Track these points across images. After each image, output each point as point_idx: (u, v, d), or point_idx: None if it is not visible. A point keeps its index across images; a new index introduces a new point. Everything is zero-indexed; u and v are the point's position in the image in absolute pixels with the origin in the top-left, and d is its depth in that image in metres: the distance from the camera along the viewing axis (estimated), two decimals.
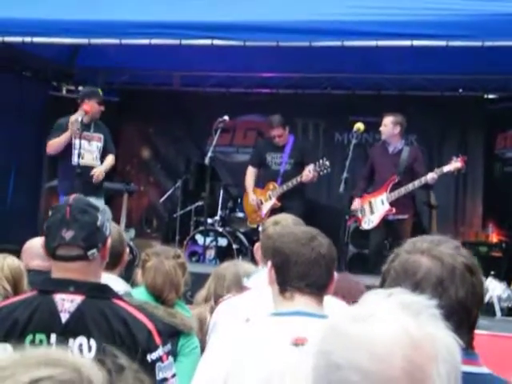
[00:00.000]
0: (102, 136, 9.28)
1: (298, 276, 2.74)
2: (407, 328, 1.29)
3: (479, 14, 7.90)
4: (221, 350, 2.72)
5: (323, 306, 2.79)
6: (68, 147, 9.03)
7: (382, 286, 2.00)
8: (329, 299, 2.90)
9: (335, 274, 2.85)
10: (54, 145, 9.08)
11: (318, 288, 2.76)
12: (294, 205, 9.06)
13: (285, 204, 9.35)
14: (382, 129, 9.41)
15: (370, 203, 9.39)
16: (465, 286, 1.91)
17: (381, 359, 1.27)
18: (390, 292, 1.37)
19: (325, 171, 9.30)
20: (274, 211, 9.28)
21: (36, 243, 5.02)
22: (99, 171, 9.05)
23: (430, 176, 8.93)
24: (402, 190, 9.13)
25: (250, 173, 9.90)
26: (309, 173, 9.25)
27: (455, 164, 8.99)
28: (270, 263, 2.84)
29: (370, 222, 9.40)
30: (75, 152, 8.97)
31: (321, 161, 9.29)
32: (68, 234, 2.84)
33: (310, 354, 1.37)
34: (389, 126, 9.34)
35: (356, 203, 9.50)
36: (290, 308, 2.73)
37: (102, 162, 9.26)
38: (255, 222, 9.96)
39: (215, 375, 2.63)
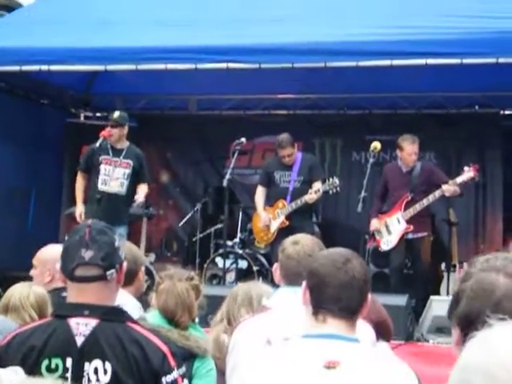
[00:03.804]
0: (131, 162, 9.19)
1: (331, 299, 2.72)
2: None
3: (492, 32, 7.93)
4: (251, 371, 2.72)
5: (355, 329, 2.78)
6: (94, 173, 9.08)
7: (456, 305, 1.98)
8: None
9: (369, 297, 2.84)
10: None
11: (350, 312, 2.74)
12: (304, 224, 9.02)
13: (293, 223, 9.21)
14: (414, 158, 9.24)
15: (386, 224, 9.36)
16: None
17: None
18: None
19: (334, 190, 9.21)
20: (282, 230, 9.27)
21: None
22: (140, 197, 9.03)
23: (446, 188, 8.89)
24: (417, 207, 9.10)
25: (260, 192, 9.80)
26: (312, 194, 9.15)
27: (468, 174, 8.96)
28: (304, 284, 2.84)
29: (388, 242, 9.35)
30: (100, 178, 9.02)
31: (330, 179, 9.20)
32: (87, 254, 2.85)
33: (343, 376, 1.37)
34: (417, 153, 9.28)
35: (375, 223, 9.47)
36: (321, 331, 2.72)
37: (131, 189, 9.18)
38: (262, 241, 9.92)
39: None
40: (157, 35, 8.96)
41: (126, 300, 4.01)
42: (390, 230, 9.32)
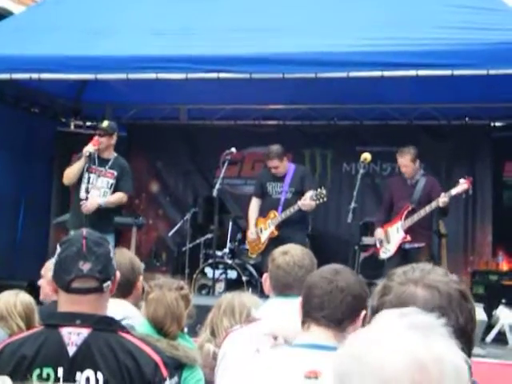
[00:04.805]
0: (115, 173, 9.06)
1: (315, 307, 2.76)
2: (415, 351, 1.30)
3: (483, 43, 7.95)
4: (237, 381, 2.73)
5: (340, 340, 2.77)
6: (79, 181, 8.99)
7: None
8: None
9: (363, 312, 2.82)
10: (67, 174, 9.07)
11: (334, 321, 2.75)
12: (296, 236, 8.95)
13: (284, 234, 9.19)
14: (404, 170, 9.42)
15: (387, 233, 9.42)
16: (463, 312, 1.90)
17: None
18: (402, 312, 1.38)
19: (321, 200, 9.19)
20: (272, 241, 9.25)
21: None
22: (91, 202, 8.78)
23: (442, 200, 8.94)
24: (415, 217, 9.15)
25: (254, 204, 9.83)
26: (305, 200, 9.16)
27: (462, 186, 9.03)
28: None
29: (387, 251, 9.41)
30: (83, 186, 8.93)
31: (318, 189, 9.20)
32: (85, 266, 2.84)
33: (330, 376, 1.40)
34: (410, 165, 9.36)
35: (378, 232, 9.53)
36: (305, 340, 2.72)
37: None
38: (254, 251, 9.90)
39: None
40: (148, 44, 8.94)
41: (131, 312, 3.98)
42: (390, 239, 9.37)
